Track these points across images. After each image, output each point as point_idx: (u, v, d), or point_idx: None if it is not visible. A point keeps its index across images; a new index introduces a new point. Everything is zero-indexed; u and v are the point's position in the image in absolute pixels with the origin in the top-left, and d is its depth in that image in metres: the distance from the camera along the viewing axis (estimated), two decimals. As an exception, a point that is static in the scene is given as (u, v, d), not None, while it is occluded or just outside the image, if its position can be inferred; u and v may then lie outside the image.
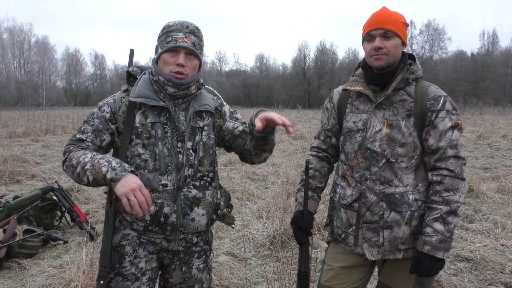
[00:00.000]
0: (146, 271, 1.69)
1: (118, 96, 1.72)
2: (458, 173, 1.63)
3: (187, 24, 1.65)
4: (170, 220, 1.64)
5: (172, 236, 1.69)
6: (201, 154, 1.71)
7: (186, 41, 1.61)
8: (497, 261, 3.57)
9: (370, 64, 1.74)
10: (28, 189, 6.22)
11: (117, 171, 1.47)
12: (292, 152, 10.40)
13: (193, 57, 1.66)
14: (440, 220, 1.60)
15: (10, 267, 3.51)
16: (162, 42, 1.64)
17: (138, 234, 1.69)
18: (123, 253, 1.67)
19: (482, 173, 7.62)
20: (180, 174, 1.65)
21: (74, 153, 1.60)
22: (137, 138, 1.64)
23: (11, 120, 18.12)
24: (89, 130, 1.66)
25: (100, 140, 1.67)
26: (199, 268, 1.81)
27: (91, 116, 1.69)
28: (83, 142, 1.65)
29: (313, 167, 1.94)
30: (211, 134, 1.77)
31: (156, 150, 1.63)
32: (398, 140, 1.68)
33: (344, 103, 1.88)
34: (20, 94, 52.71)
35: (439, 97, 1.68)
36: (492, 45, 59.90)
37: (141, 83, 1.67)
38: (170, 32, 1.62)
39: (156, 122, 1.65)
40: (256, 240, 4.20)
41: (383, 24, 1.69)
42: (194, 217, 1.69)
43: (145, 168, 1.62)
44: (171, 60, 1.62)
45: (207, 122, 1.77)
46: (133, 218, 1.64)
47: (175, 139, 1.66)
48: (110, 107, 1.69)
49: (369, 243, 1.74)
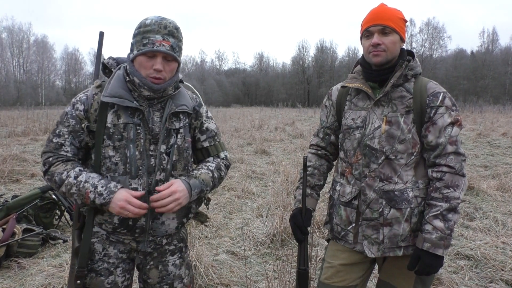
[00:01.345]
0: (118, 263, 1.67)
1: (91, 92, 1.62)
2: (458, 170, 1.62)
3: (165, 24, 1.54)
4: (139, 223, 1.60)
5: (141, 238, 1.65)
6: (174, 158, 1.64)
7: (164, 44, 1.51)
8: (497, 258, 3.57)
9: (369, 60, 1.73)
10: (27, 188, 6.21)
11: (104, 196, 1.49)
12: (292, 150, 10.40)
13: (171, 61, 1.57)
14: (440, 217, 1.59)
15: (9, 267, 3.51)
16: (138, 43, 1.53)
17: (107, 233, 1.66)
18: (93, 250, 1.65)
19: (482, 171, 7.62)
20: (151, 178, 1.59)
21: (55, 167, 1.56)
22: (108, 139, 1.56)
23: (10, 120, 18.10)
24: (65, 132, 1.59)
25: (78, 141, 1.60)
26: (176, 264, 1.77)
27: (65, 116, 1.60)
28: (61, 148, 1.58)
29: (312, 165, 1.93)
30: (187, 137, 1.70)
31: (127, 153, 1.55)
32: (397, 136, 1.67)
33: (343, 100, 1.87)
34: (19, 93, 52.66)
35: (438, 93, 1.67)
36: (492, 43, 59.86)
37: (114, 80, 1.59)
38: (147, 33, 1.52)
39: (129, 123, 1.57)
40: (256, 239, 4.20)
41: (381, 20, 1.67)
42: (164, 221, 1.65)
43: (115, 171, 1.56)
44: (148, 64, 1.53)
45: (183, 123, 1.69)
46: (102, 219, 1.61)
47: (148, 141, 1.59)
48: (83, 104, 1.60)
49: (369, 240, 1.73)
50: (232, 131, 14.75)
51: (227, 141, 11.44)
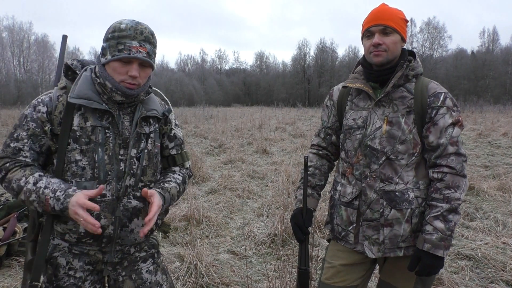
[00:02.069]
0: (86, 276, 1.58)
1: (55, 93, 1.54)
2: (459, 170, 1.62)
3: (141, 29, 1.49)
4: (106, 232, 1.52)
5: (107, 248, 1.57)
6: (144, 163, 1.58)
7: (141, 50, 1.46)
8: (498, 259, 3.57)
9: (370, 60, 1.73)
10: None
11: (61, 200, 1.38)
12: (293, 150, 10.40)
13: (147, 67, 1.53)
14: (440, 218, 1.59)
15: (10, 265, 3.52)
16: (113, 48, 1.46)
17: (69, 245, 1.56)
18: (57, 265, 1.55)
19: (483, 171, 7.62)
20: (121, 183, 1.52)
21: (12, 173, 1.46)
22: (74, 142, 1.48)
23: (11, 119, 18.12)
24: (24, 136, 1.48)
25: (39, 145, 1.51)
26: (150, 271, 1.69)
27: (25, 119, 1.50)
28: (19, 153, 1.48)
29: (313, 165, 1.94)
30: (156, 142, 1.66)
31: (95, 157, 1.48)
32: (398, 137, 1.67)
33: (344, 100, 1.87)
34: (20, 92, 52.65)
35: (439, 93, 1.67)
36: (493, 43, 59.80)
37: (82, 81, 1.51)
38: (123, 38, 1.45)
39: (98, 126, 1.50)
40: (257, 238, 4.20)
41: (382, 20, 1.67)
42: (133, 228, 1.58)
43: (82, 176, 1.48)
44: (123, 70, 1.48)
45: (153, 128, 1.65)
46: (66, 229, 1.52)
47: (118, 145, 1.53)
48: (46, 106, 1.51)
49: (369, 241, 1.73)
50: (232, 131, 14.75)
51: (227, 141, 11.45)
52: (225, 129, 14.76)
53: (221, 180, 6.64)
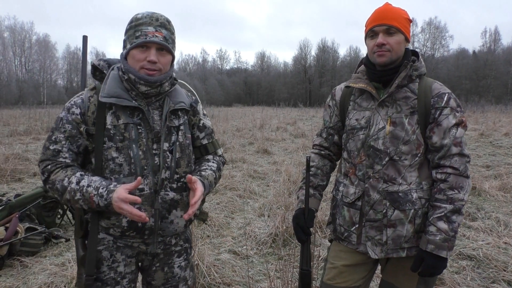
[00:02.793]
0: (125, 274, 1.64)
1: (86, 95, 1.59)
2: (463, 171, 1.61)
3: (156, 16, 1.55)
4: (147, 224, 1.57)
5: (150, 240, 1.63)
6: (178, 155, 1.63)
7: (157, 35, 1.50)
8: (499, 259, 3.57)
9: (373, 60, 1.72)
10: (30, 187, 6.23)
11: (105, 197, 1.45)
12: (294, 150, 10.39)
13: (165, 52, 1.55)
14: (444, 219, 1.58)
15: (12, 265, 3.52)
16: (131, 37, 1.52)
17: (114, 238, 1.62)
18: (100, 258, 1.60)
19: (485, 171, 7.61)
20: (157, 177, 1.57)
21: (55, 175, 1.52)
22: (109, 141, 1.53)
23: (12, 119, 18.14)
24: (62, 138, 1.54)
25: (76, 146, 1.56)
26: (181, 266, 1.76)
27: (60, 122, 1.56)
28: (59, 155, 1.54)
29: (315, 165, 1.93)
30: (187, 133, 1.69)
31: (130, 153, 1.53)
32: (401, 137, 1.67)
33: (346, 100, 1.87)
34: (21, 92, 52.72)
35: (443, 94, 1.67)
36: (494, 43, 59.68)
37: (110, 80, 1.56)
38: (139, 25, 1.51)
39: (130, 123, 1.55)
40: (258, 238, 4.20)
41: (386, 20, 1.67)
42: (173, 219, 1.63)
43: (120, 172, 1.53)
44: (141, 56, 1.51)
45: (183, 120, 1.68)
46: (109, 224, 1.57)
47: (150, 140, 1.57)
48: (79, 107, 1.56)
49: (372, 241, 1.73)
50: (233, 131, 14.75)
51: (228, 141, 11.44)
52: (226, 129, 14.75)
53: (222, 180, 6.63)
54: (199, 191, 1.53)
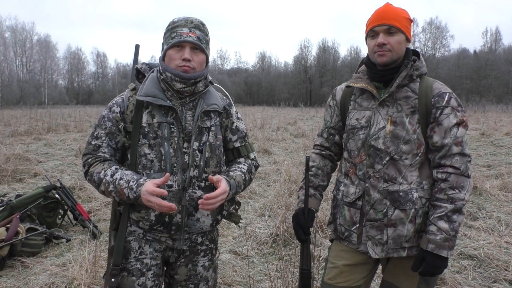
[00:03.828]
0: (151, 266, 1.70)
1: (126, 95, 1.72)
2: (463, 171, 1.61)
3: (191, 19, 1.65)
4: (174, 220, 1.64)
5: (177, 235, 1.70)
6: (207, 155, 1.69)
7: (191, 35, 1.60)
8: (501, 258, 3.56)
9: (374, 60, 1.72)
10: (31, 187, 6.23)
11: (134, 189, 1.54)
12: (294, 150, 10.39)
13: (199, 52, 1.64)
14: (444, 218, 1.58)
15: (13, 266, 3.52)
16: (167, 39, 1.63)
17: (143, 231, 1.70)
18: (129, 249, 1.69)
19: (486, 171, 7.60)
20: (186, 174, 1.64)
21: (93, 168, 1.65)
22: (143, 138, 1.63)
23: (14, 119, 18.16)
24: (102, 134, 1.68)
25: (115, 142, 1.68)
26: (205, 266, 1.80)
27: (102, 119, 1.70)
28: (99, 149, 1.67)
29: (316, 165, 1.93)
30: (218, 135, 1.75)
31: (162, 150, 1.62)
32: (402, 137, 1.66)
33: (347, 100, 1.87)
34: (22, 92, 52.80)
35: (444, 93, 1.66)
36: (495, 42, 59.62)
37: (148, 81, 1.67)
38: (175, 28, 1.62)
39: (163, 122, 1.64)
40: (259, 238, 4.20)
41: (387, 20, 1.67)
42: (199, 217, 1.69)
43: (151, 168, 1.63)
44: (177, 56, 1.61)
45: (214, 122, 1.74)
46: (139, 217, 1.66)
47: (181, 139, 1.65)
48: (119, 106, 1.69)
49: (372, 241, 1.73)
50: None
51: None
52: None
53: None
54: (221, 188, 1.58)
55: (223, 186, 1.59)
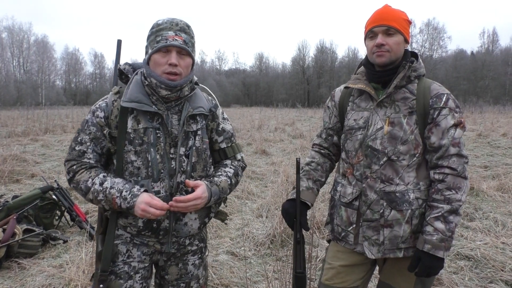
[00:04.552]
0: (139, 269, 1.69)
1: (110, 99, 1.66)
2: (460, 172, 1.61)
3: (176, 21, 1.59)
4: (162, 225, 1.63)
5: (165, 239, 1.69)
6: (194, 160, 1.67)
7: (177, 39, 1.55)
8: (497, 259, 3.57)
9: (372, 61, 1.73)
10: (28, 188, 6.21)
11: (128, 200, 1.52)
12: (292, 150, 10.39)
13: (186, 56, 1.60)
14: (441, 219, 1.59)
15: (9, 267, 3.50)
16: (152, 42, 1.58)
17: (131, 235, 1.69)
18: (117, 252, 1.67)
19: (482, 172, 7.62)
20: (173, 180, 1.62)
21: (79, 176, 1.60)
22: (129, 144, 1.59)
23: (11, 120, 18.10)
24: (87, 139, 1.62)
25: (100, 147, 1.64)
26: (195, 264, 1.81)
27: (86, 124, 1.64)
28: (84, 156, 1.61)
29: (316, 161, 1.94)
30: (204, 138, 1.73)
31: (148, 157, 1.59)
32: (399, 137, 1.67)
33: (345, 101, 1.88)
34: (19, 93, 52.61)
35: (441, 94, 1.67)
36: (492, 43, 59.87)
37: (133, 85, 1.62)
38: (160, 31, 1.56)
39: (149, 127, 1.60)
40: (256, 239, 4.20)
41: (385, 21, 1.68)
42: (187, 221, 1.68)
43: (138, 175, 1.59)
44: (163, 61, 1.56)
45: (200, 125, 1.72)
46: (126, 223, 1.64)
47: (168, 145, 1.62)
48: (103, 111, 1.63)
49: (369, 241, 1.73)
50: (232, 132, 14.71)
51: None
52: (224, 130, 14.72)
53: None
54: (194, 194, 1.56)
55: (198, 192, 1.56)
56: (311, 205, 1.85)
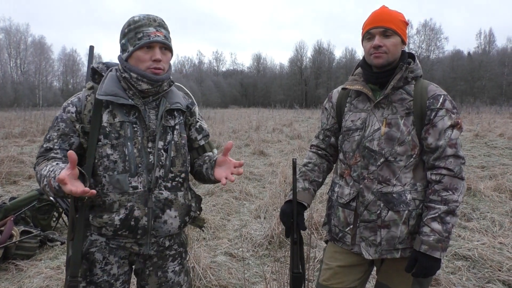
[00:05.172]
0: (119, 276, 1.64)
1: (83, 94, 1.62)
2: (457, 173, 1.62)
3: (153, 17, 1.59)
4: (141, 223, 1.57)
5: (143, 240, 1.62)
6: (172, 154, 1.64)
7: (159, 35, 1.54)
8: (495, 259, 3.58)
9: (370, 62, 1.74)
10: (25, 190, 6.19)
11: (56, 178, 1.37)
12: (290, 151, 10.39)
13: (167, 51, 1.60)
14: (438, 220, 1.59)
15: (7, 269, 3.49)
16: (133, 39, 1.55)
17: (106, 239, 1.61)
18: (93, 260, 1.59)
19: (480, 172, 7.64)
20: (151, 175, 1.58)
21: (38, 167, 1.53)
22: (105, 138, 1.55)
23: (8, 121, 18.04)
24: (55, 136, 1.57)
25: (68, 144, 1.57)
26: (175, 271, 1.74)
27: (56, 121, 1.60)
28: (50, 151, 1.56)
29: (313, 162, 1.95)
30: (183, 133, 1.71)
31: (125, 151, 1.55)
32: (396, 138, 1.68)
33: (343, 102, 1.88)
34: (17, 94, 52.47)
35: (438, 95, 1.68)
36: (489, 44, 60.12)
37: (108, 80, 1.59)
38: (139, 27, 1.55)
39: (125, 121, 1.57)
40: (254, 240, 4.20)
41: (383, 22, 1.68)
42: (166, 219, 1.63)
43: (114, 169, 1.55)
44: (146, 57, 1.55)
45: (178, 120, 1.70)
46: (102, 223, 1.56)
47: (146, 139, 1.59)
48: (75, 106, 1.59)
49: (366, 242, 1.73)
50: (229, 132, 14.74)
51: (224, 142, 11.43)
52: (222, 131, 14.74)
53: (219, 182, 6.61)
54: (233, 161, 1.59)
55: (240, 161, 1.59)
56: (307, 205, 1.86)
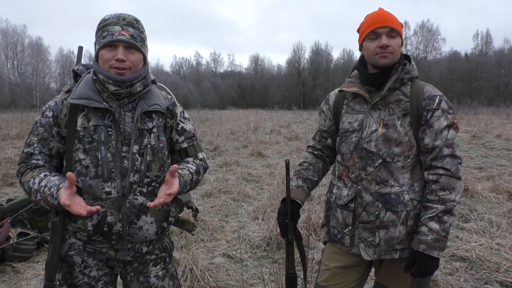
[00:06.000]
0: (100, 277, 1.61)
1: (60, 98, 1.60)
2: (454, 172, 1.63)
3: (123, 16, 1.55)
4: (114, 229, 1.54)
5: (119, 246, 1.58)
6: (148, 158, 1.58)
7: (124, 34, 1.49)
8: (492, 260, 3.59)
9: (374, 62, 1.72)
10: (22, 191, 6.16)
11: (54, 196, 1.42)
12: (288, 152, 10.39)
13: (134, 51, 1.54)
14: (435, 219, 1.59)
15: (4, 271, 3.48)
16: (99, 38, 1.52)
17: (83, 243, 1.59)
18: (72, 263, 1.58)
19: (477, 173, 7.65)
20: (125, 180, 1.53)
21: (24, 177, 1.54)
22: (78, 142, 1.52)
23: (5, 122, 17.97)
24: (35, 141, 1.56)
25: (48, 149, 1.57)
26: (158, 276, 1.69)
27: (35, 125, 1.59)
28: (32, 157, 1.56)
29: (308, 161, 1.96)
30: (161, 136, 1.64)
31: (98, 155, 1.51)
32: (394, 139, 1.68)
33: (340, 104, 1.89)
34: (14, 96, 52.33)
35: (434, 96, 1.68)
36: (486, 45, 60.33)
37: (82, 83, 1.56)
38: (106, 26, 1.51)
39: (99, 125, 1.53)
40: (252, 242, 4.20)
41: (388, 22, 1.69)
42: (142, 225, 1.58)
43: (86, 175, 1.51)
44: (109, 56, 1.51)
45: (156, 123, 1.64)
46: (75, 228, 1.54)
47: (120, 142, 1.54)
48: (52, 110, 1.57)
49: (365, 243, 1.73)
50: (227, 134, 14.74)
51: (222, 144, 11.43)
52: (220, 132, 14.74)
53: (216, 183, 6.62)
54: (175, 186, 1.46)
55: (176, 184, 1.47)
56: (301, 202, 1.86)
